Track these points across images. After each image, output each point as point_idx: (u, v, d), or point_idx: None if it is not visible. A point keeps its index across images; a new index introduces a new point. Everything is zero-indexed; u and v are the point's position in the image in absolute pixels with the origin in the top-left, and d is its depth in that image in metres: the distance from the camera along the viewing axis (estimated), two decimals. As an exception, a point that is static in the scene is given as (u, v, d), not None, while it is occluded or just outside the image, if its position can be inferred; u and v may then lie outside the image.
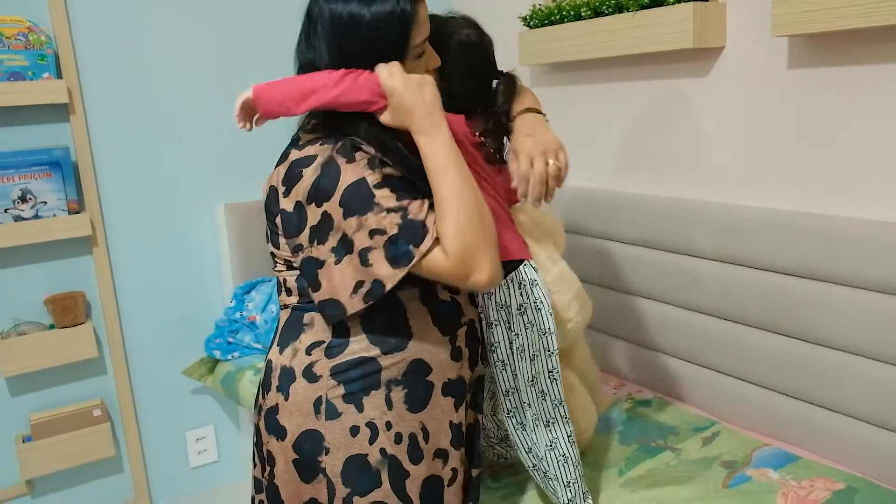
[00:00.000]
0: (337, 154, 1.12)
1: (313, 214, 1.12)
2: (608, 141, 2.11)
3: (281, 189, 1.16)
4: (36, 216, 2.01)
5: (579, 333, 1.62)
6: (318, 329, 1.21)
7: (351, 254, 1.11)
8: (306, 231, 1.13)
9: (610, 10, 1.88)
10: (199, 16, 2.26)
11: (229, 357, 2.25)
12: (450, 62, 1.27)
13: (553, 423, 1.40)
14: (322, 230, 1.12)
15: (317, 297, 1.15)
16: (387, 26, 1.12)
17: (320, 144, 1.15)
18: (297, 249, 1.16)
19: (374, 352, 1.18)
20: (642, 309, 1.98)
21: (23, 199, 1.99)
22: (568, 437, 1.41)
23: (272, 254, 1.25)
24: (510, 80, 1.39)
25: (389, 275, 1.09)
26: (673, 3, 1.72)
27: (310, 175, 1.12)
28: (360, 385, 1.17)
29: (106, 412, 2.21)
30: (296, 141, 1.20)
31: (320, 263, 1.13)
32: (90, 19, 2.10)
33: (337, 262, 1.12)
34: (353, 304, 1.12)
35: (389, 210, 1.10)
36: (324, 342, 1.19)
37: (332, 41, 1.14)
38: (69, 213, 2.06)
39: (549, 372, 1.37)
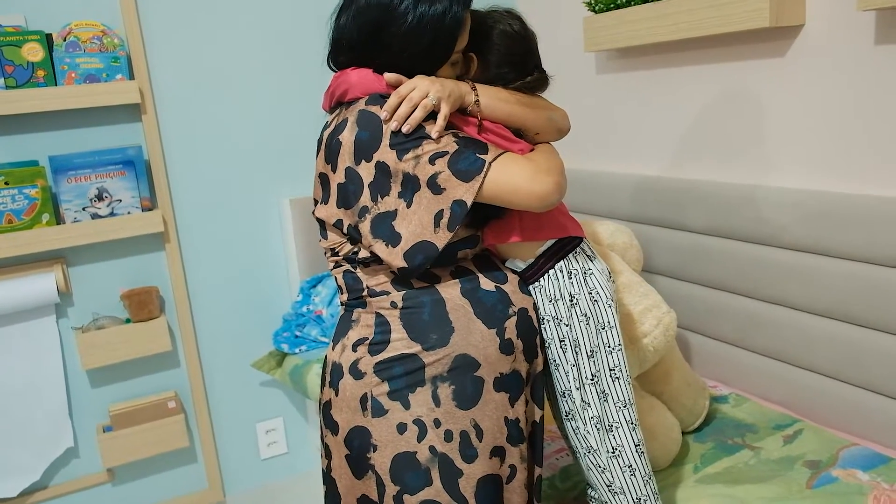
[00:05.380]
0: (368, 106, 1.11)
1: (367, 171, 1.11)
2: (679, 127, 2.04)
3: (328, 168, 1.16)
4: (111, 214, 2.07)
5: (662, 351, 1.52)
6: (362, 326, 1.20)
7: (419, 189, 1.09)
8: (365, 190, 1.11)
9: (680, -10, 1.81)
10: (266, 16, 2.29)
11: (297, 350, 2.27)
12: (490, 50, 1.25)
13: (617, 427, 1.26)
14: (381, 182, 1.10)
15: (399, 250, 1.11)
16: (437, 26, 1.11)
17: (346, 109, 1.15)
18: (363, 213, 1.12)
19: (416, 348, 1.16)
20: (717, 301, 1.90)
21: (99, 197, 2.05)
22: (636, 445, 1.26)
23: (324, 250, 1.25)
24: (543, 78, 1.31)
25: (466, 190, 1.07)
26: (748, -19, 1.64)
27: (348, 136, 1.11)
28: (405, 382, 1.16)
29: (180, 404, 2.27)
30: (325, 125, 1.21)
31: (392, 215, 1.11)
32: (160, 21, 2.15)
33: (409, 205, 1.10)
34: (441, 237, 1.09)
35: (441, 134, 1.09)
36: (367, 339, 1.19)
37: (384, 35, 1.13)
38: (142, 211, 2.12)
39: (610, 370, 1.26)
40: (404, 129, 1.08)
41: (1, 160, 2.01)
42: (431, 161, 1.08)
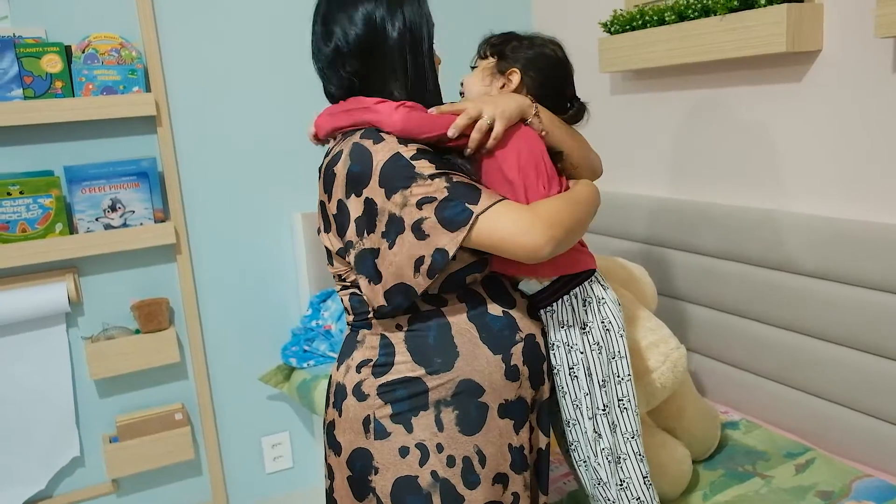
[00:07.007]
0: (362, 140, 1.11)
1: (355, 206, 1.11)
2: (693, 150, 2.03)
3: (325, 197, 1.16)
4: (124, 224, 2.08)
5: (671, 388, 1.49)
6: (367, 347, 1.19)
7: (403, 232, 1.08)
8: (352, 225, 1.11)
9: (696, 13, 1.81)
10: (281, 31, 2.30)
11: (305, 365, 2.27)
12: (534, 70, 1.30)
13: (625, 459, 1.25)
14: (368, 219, 1.10)
15: (381, 289, 1.11)
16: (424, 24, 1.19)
17: (343, 140, 1.15)
18: (348, 247, 1.13)
19: (419, 371, 1.15)
20: (729, 325, 1.88)
21: (112, 208, 2.06)
22: (644, 477, 1.26)
23: (332, 274, 1.25)
24: (582, 108, 1.38)
25: (449, 240, 1.06)
26: (764, 5, 1.64)
27: (341, 169, 1.12)
28: (408, 405, 1.15)
29: (186, 416, 2.26)
30: (326, 153, 1.21)
31: (375, 253, 1.11)
32: (178, 35, 2.17)
33: (391, 247, 1.09)
34: (420, 283, 1.08)
35: (433, 176, 1.08)
36: (371, 360, 1.18)
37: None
38: (155, 222, 2.13)
39: (619, 400, 1.25)
40: (467, 153, 1.15)
41: (17, 169, 2.03)
42: (419, 206, 1.06)
